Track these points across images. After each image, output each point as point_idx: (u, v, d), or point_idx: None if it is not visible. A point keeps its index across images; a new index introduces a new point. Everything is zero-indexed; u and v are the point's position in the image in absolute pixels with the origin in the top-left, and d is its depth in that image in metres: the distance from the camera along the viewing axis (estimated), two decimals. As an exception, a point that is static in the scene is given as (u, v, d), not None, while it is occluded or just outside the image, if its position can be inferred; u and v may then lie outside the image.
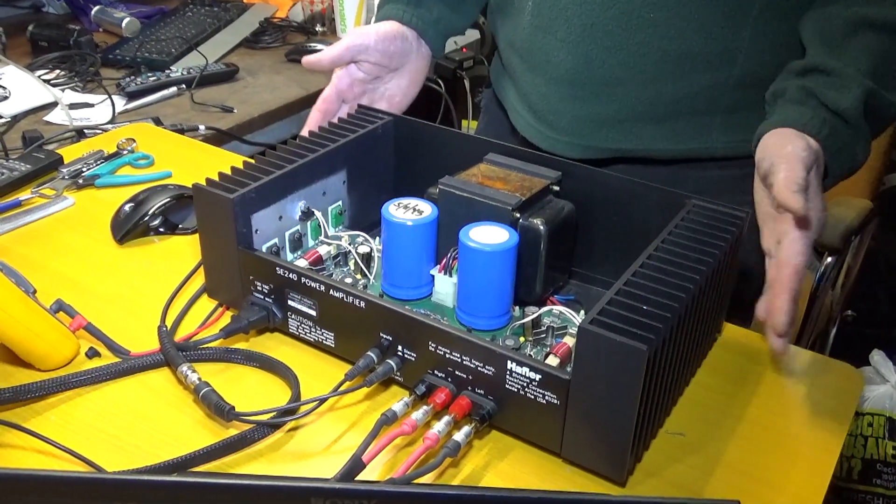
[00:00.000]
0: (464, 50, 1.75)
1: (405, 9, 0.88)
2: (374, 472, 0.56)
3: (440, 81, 1.65)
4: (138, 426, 0.61)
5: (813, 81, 0.69)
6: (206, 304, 0.73)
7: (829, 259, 1.34)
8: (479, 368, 0.58)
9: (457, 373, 0.59)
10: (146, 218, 0.83)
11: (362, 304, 0.62)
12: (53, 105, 1.30)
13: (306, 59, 0.88)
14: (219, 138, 1.27)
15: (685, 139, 0.65)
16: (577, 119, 0.84)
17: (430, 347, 0.59)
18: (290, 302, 0.66)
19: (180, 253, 0.82)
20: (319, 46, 1.60)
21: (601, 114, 0.83)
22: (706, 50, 0.77)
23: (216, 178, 0.69)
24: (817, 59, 0.70)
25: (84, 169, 0.96)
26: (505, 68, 0.95)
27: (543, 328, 0.65)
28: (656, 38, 0.77)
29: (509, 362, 0.56)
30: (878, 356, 1.51)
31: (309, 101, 1.40)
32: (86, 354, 0.67)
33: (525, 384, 0.56)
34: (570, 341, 0.62)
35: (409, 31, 0.88)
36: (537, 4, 0.83)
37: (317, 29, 1.77)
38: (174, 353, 0.64)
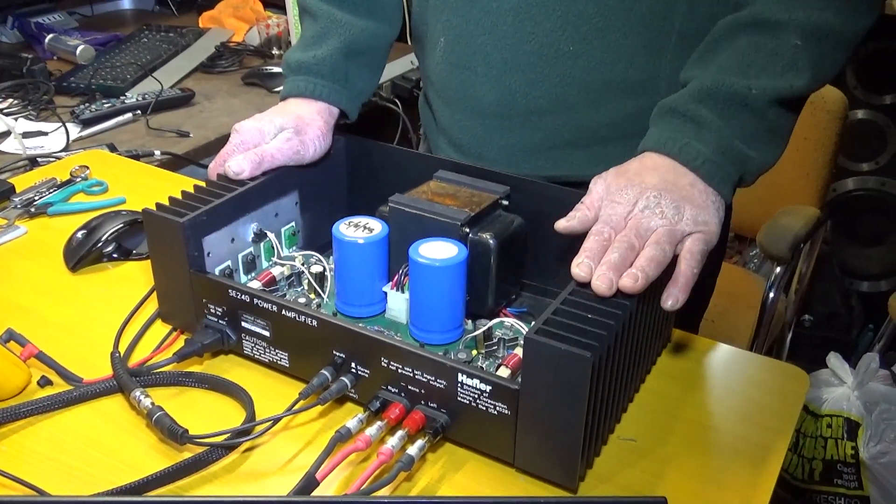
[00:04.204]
0: (421, 69, 1.77)
1: (334, 87, 0.82)
2: (329, 489, 0.57)
3: (397, 101, 1.66)
4: (91, 453, 0.60)
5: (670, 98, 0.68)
6: (161, 329, 0.73)
7: (778, 269, 1.37)
8: (431, 382, 0.58)
9: (410, 387, 0.60)
10: (99, 244, 0.83)
11: (314, 322, 0.62)
12: (7, 134, 1.29)
13: (222, 171, 0.75)
14: (175, 163, 1.26)
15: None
16: (504, 149, 0.84)
17: (383, 363, 0.60)
18: (243, 323, 0.67)
19: (134, 279, 0.82)
20: (276, 69, 1.61)
21: (529, 143, 0.83)
22: (629, 79, 0.78)
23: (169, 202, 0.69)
24: (683, 74, 0.70)
25: (36, 197, 0.96)
26: (426, 100, 0.94)
27: (495, 340, 0.66)
28: (577, 70, 0.78)
29: (460, 375, 0.57)
30: (834, 359, 1.54)
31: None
32: (38, 383, 0.66)
33: (476, 396, 0.57)
34: (520, 352, 0.63)
35: (335, 110, 0.82)
36: (450, 42, 0.83)
37: (273, 52, 1.77)
38: (127, 378, 0.64)
